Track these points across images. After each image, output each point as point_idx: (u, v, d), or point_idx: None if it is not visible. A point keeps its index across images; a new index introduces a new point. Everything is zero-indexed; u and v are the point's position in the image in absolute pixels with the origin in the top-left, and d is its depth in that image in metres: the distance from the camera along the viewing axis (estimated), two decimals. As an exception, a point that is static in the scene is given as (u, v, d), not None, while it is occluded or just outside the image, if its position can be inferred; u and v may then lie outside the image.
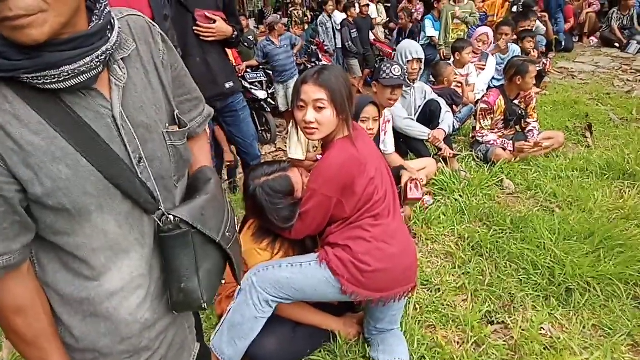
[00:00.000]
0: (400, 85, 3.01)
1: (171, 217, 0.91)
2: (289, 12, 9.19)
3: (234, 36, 2.75)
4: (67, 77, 0.75)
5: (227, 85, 2.82)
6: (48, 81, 0.74)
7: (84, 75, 0.77)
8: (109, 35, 0.81)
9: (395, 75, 2.95)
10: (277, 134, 5.90)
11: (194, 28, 2.62)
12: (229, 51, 3.07)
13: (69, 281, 0.88)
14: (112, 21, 0.83)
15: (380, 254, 1.74)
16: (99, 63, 0.78)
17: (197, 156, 1.14)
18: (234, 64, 6.08)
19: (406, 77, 3.16)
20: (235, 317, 1.82)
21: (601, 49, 8.12)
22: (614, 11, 8.05)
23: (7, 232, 0.79)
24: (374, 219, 1.76)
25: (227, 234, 1.01)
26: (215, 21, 2.64)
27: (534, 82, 3.76)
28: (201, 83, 2.70)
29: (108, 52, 0.80)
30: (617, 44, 7.92)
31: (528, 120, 3.85)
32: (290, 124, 2.86)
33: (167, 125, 0.96)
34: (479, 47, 5.02)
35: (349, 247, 1.74)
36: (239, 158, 3.40)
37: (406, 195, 2.20)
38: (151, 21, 0.97)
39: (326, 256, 1.76)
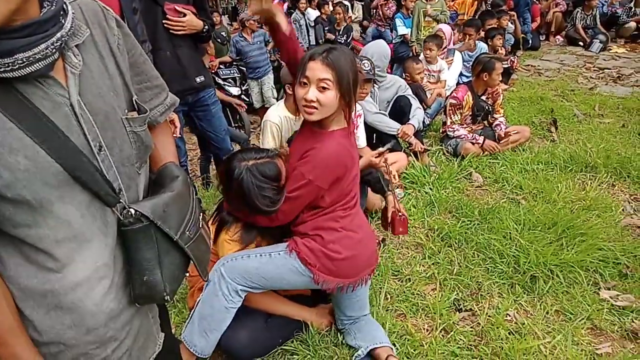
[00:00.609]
0: (370, 80, 3.05)
1: (132, 211, 0.90)
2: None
3: (204, 30, 2.73)
4: (21, 65, 0.73)
5: (197, 80, 2.80)
6: (1, 69, 0.72)
7: (39, 63, 0.75)
8: (63, 21, 0.79)
9: (365, 70, 3.00)
10: (252, 130, 5.89)
11: (164, 21, 2.59)
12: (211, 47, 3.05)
13: (31, 274, 0.86)
14: (65, 7, 0.81)
15: (350, 242, 1.78)
16: (54, 50, 0.77)
17: (161, 151, 1.12)
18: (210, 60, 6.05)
19: (375, 72, 3.21)
20: (204, 308, 1.82)
21: (566, 47, 8.38)
22: (577, 11, 8.32)
23: None
24: (344, 210, 1.79)
25: (187, 232, 1.00)
26: (185, 15, 2.62)
27: (501, 78, 3.87)
28: (172, 77, 2.71)
29: (63, 39, 0.78)
30: (581, 43, 8.19)
31: (495, 115, 3.96)
32: (262, 120, 2.87)
33: (126, 111, 0.95)
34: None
35: (321, 236, 1.77)
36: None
37: (394, 230, 2.24)
38: (104, 5, 0.95)
39: (296, 246, 1.78)
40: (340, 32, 7.49)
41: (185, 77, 2.74)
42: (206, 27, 2.75)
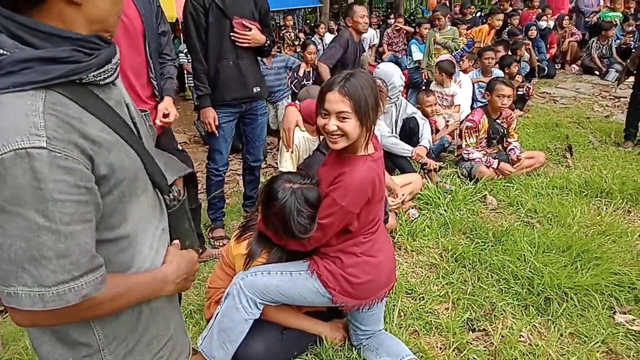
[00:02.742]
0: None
1: (175, 193, 1.03)
2: (281, 35, 9.40)
3: (266, 45, 2.96)
4: (113, 71, 0.84)
5: (254, 90, 3.03)
6: (107, 75, 0.82)
7: (117, 69, 0.86)
8: None
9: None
10: (268, 151, 5.99)
11: (231, 34, 2.82)
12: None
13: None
14: None
15: (368, 267, 1.82)
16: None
17: None
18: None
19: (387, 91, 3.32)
20: (224, 321, 1.87)
21: (582, 76, 8.42)
22: (593, 41, 8.38)
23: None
24: (366, 236, 1.82)
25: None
26: (251, 29, 2.84)
27: (506, 103, 3.89)
28: (232, 85, 2.96)
29: None
30: (597, 72, 8.23)
31: (509, 140, 4.00)
32: (280, 140, 2.96)
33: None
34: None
35: (340, 259, 1.81)
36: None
37: None
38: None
39: (317, 268, 1.83)
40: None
41: (244, 86, 2.96)
42: (268, 42, 2.96)
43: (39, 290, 0.72)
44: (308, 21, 15.04)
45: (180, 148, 2.80)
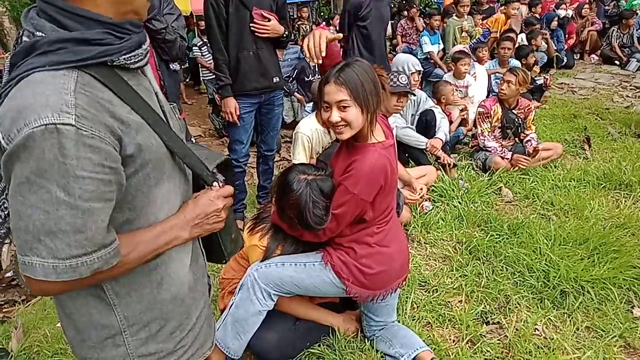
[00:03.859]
0: (407, 94, 3.12)
1: (220, 182, 1.04)
2: (296, 27, 9.37)
3: (284, 35, 2.99)
4: (143, 56, 0.87)
5: (274, 80, 3.08)
6: (138, 59, 0.85)
7: (146, 56, 0.89)
8: None
9: (402, 84, 3.08)
10: (282, 143, 6.00)
11: (251, 25, 2.86)
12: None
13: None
14: None
15: (381, 257, 1.82)
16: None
17: None
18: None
19: (411, 86, 3.28)
20: (239, 312, 1.89)
21: (601, 66, 8.23)
22: (614, 30, 8.18)
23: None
24: (379, 226, 1.82)
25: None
26: (270, 20, 2.88)
27: (504, 89, 3.80)
28: (252, 75, 3.02)
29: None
30: (617, 62, 8.03)
31: (526, 131, 3.93)
32: (294, 131, 2.96)
33: None
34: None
35: (353, 250, 1.80)
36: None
37: None
38: None
39: (331, 259, 1.83)
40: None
41: (264, 76, 3.01)
42: (286, 33, 2.99)
43: (53, 262, 0.76)
44: (322, 13, 14.96)
45: (195, 141, 2.84)
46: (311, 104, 4.94)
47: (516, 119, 3.88)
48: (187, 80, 8.57)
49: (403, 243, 1.94)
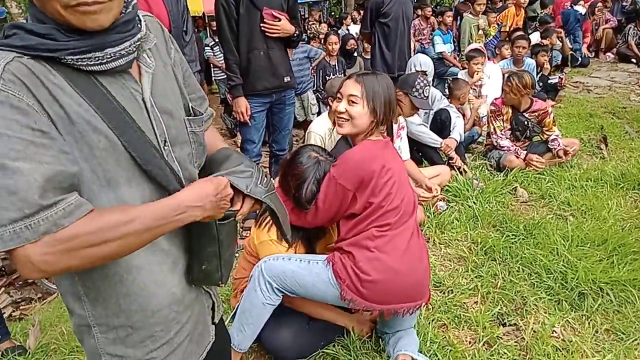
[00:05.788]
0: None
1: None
2: (307, 27, 9.37)
3: (295, 35, 3.00)
4: (109, 60, 0.83)
5: (285, 79, 3.09)
6: (92, 62, 0.82)
7: (123, 59, 0.85)
8: (140, 25, 0.91)
9: (425, 97, 3.08)
10: (294, 143, 6.00)
11: (261, 24, 2.88)
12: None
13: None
14: (138, 15, 0.93)
15: (380, 264, 1.74)
16: (134, 48, 0.87)
17: (211, 140, 1.18)
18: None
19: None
20: (244, 303, 1.90)
21: (617, 64, 8.08)
22: (630, 27, 8.03)
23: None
24: (380, 229, 1.76)
25: (260, 186, 1.04)
26: (280, 20, 2.89)
27: (511, 99, 3.75)
28: (263, 74, 3.03)
29: (141, 39, 0.90)
30: (634, 60, 7.90)
31: (548, 132, 3.83)
32: (307, 130, 2.97)
33: (185, 114, 1.03)
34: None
35: (352, 254, 1.77)
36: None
37: None
38: (161, 22, 1.08)
39: (333, 258, 1.82)
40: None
41: (275, 75, 3.02)
42: (296, 32, 3.00)
43: None
44: (333, 13, 14.95)
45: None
46: None
47: (526, 122, 3.81)
48: (199, 80, 8.61)
49: (419, 265, 1.83)
